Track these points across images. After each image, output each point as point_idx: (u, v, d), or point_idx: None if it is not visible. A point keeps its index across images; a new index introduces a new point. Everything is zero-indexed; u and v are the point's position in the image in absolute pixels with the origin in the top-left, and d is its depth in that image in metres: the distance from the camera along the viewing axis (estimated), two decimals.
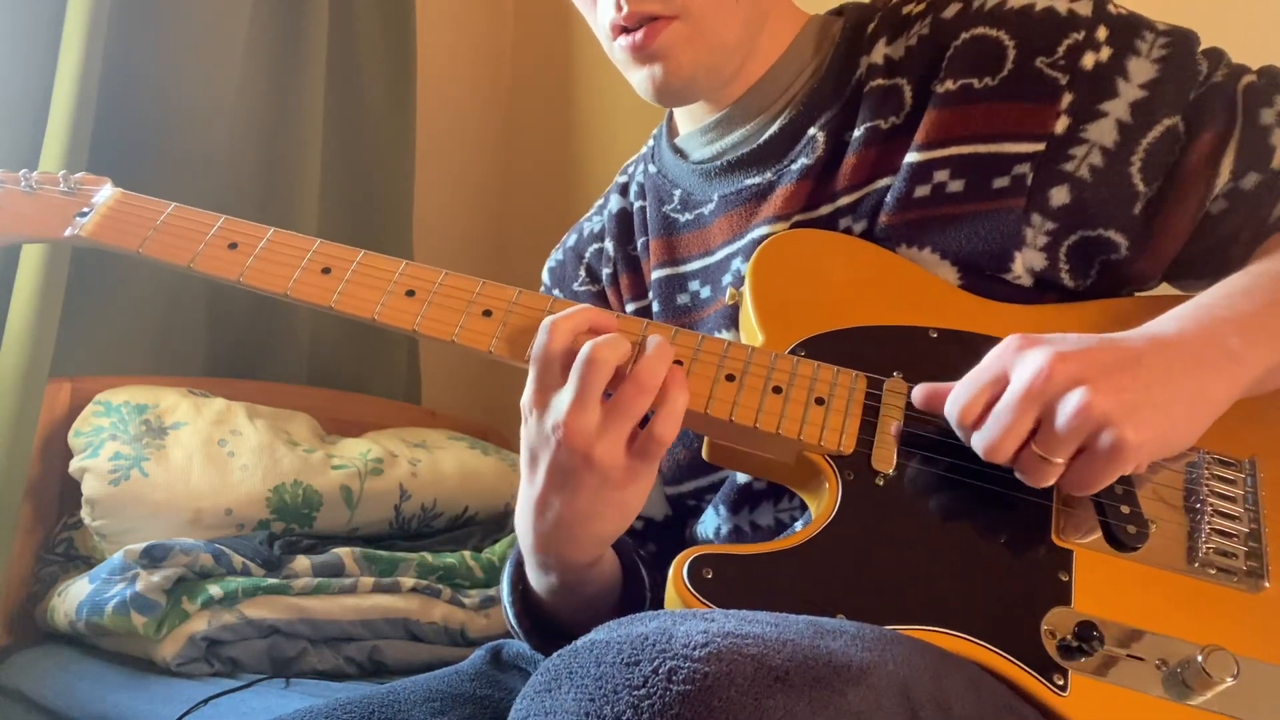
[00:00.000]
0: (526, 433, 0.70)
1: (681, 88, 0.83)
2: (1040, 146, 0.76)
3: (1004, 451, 0.62)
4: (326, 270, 0.78)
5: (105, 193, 0.85)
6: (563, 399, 0.66)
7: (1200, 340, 0.64)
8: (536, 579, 0.77)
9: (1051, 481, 0.63)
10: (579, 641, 0.53)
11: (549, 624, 0.82)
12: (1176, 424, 0.62)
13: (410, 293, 0.76)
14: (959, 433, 0.65)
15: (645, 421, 0.68)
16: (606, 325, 0.71)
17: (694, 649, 0.48)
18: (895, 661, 0.52)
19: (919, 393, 0.69)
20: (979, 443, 0.63)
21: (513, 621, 0.83)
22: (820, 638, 0.51)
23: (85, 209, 0.84)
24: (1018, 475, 0.64)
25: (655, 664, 0.48)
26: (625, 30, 0.80)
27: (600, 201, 1.02)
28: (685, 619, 0.52)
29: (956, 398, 0.65)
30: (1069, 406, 0.60)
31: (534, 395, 0.69)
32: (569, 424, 0.66)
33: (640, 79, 0.83)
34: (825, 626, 0.54)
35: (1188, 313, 0.67)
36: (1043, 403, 0.61)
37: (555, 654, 0.53)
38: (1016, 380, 0.62)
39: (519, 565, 0.81)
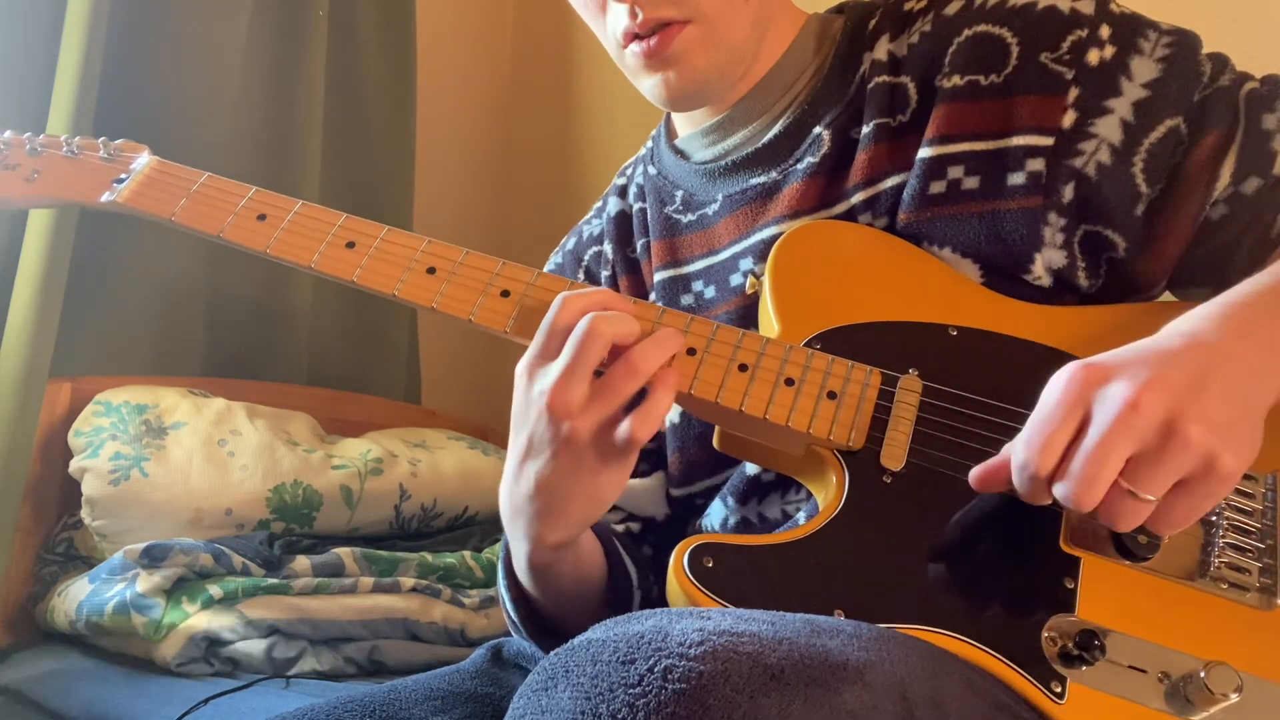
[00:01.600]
0: (516, 397, 0.70)
1: (695, 92, 0.82)
2: (1050, 140, 0.75)
3: (1097, 496, 0.56)
4: (351, 245, 0.78)
5: (143, 160, 0.87)
6: (554, 368, 0.67)
7: (1248, 344, 0.61)
8: (515, 553, 0.77)
9: (1141, 522, 0.58)
10: (575, 640, 0.53)
11: (539, 615, 0.81)
12: (1251, 437, 0.59)
13: (431, 270, 0.77)
14: (1027, 487, 0.59)
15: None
16: (621, 308, 0.70)
17: (689, 647, 0.48)
18: (892, 661, 0.52)
19: (976, 474, 0.63)
20: (1067, 491, 0.57)
21: (509, 608, 0.83)
22: (817, 636, 0.51)
23: (123, 175, 0.86)
24: (1103, 519, 0.58)
25: (651, 662, 0.47)
26: (638, 37, 0.80)
27: (599, 204, 1.01)
28: (681, 617, 0.52)
29: (1031, 445, 0.58)
30: (1174, 442, 0.55)
31: (530, 361, 0.69)
32: (554, 392, 0.66)
33: (652, 85, 0.82)
34: (822, 625, 0.54)
35: (1217, 311, 0.64)
36: (1138, 439, 0.56)
37: (552, 653, 0.53)
38: (1103, 416, 0.56)
39: (509, 549, 0.80)
